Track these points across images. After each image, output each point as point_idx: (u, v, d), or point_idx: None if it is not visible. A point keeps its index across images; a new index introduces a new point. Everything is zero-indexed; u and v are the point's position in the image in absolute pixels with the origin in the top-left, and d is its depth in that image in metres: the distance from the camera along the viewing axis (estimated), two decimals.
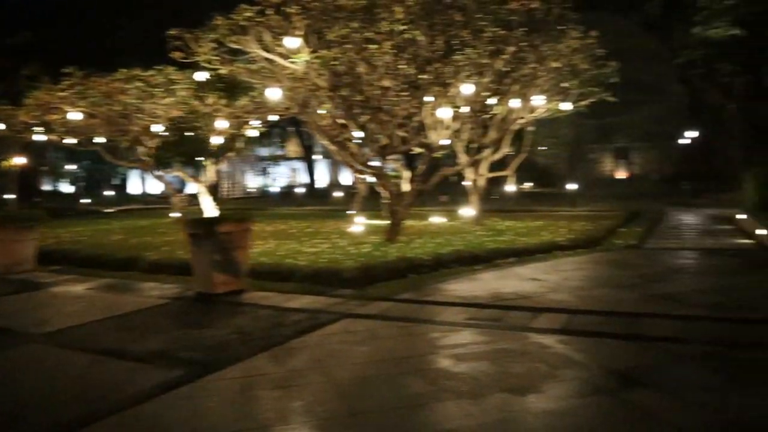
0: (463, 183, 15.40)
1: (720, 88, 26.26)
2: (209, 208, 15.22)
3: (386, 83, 11.10)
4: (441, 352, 4.79)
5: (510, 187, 30.09)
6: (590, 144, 38.47)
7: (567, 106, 13.83)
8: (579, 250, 10.22)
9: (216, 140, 15.86)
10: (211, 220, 7.82)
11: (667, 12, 26.27)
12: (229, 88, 13.77)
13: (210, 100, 14.00)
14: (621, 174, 40.31)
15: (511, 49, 11.48)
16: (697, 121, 32.61)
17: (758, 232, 11.44)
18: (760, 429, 3.25)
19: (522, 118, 13.66)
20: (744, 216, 14.03)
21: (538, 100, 12.84)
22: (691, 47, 25.62)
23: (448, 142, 14.58)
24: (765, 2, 22.93)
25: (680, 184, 25.61)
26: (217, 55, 11.36)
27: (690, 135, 35.16)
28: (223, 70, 11.71)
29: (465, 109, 12.34)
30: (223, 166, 23.19)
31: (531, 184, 36.01)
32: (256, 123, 16.04)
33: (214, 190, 29.22)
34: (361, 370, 4.42)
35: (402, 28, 10.61)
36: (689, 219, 16.71)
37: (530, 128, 15.03)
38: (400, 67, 10.83)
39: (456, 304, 6.33)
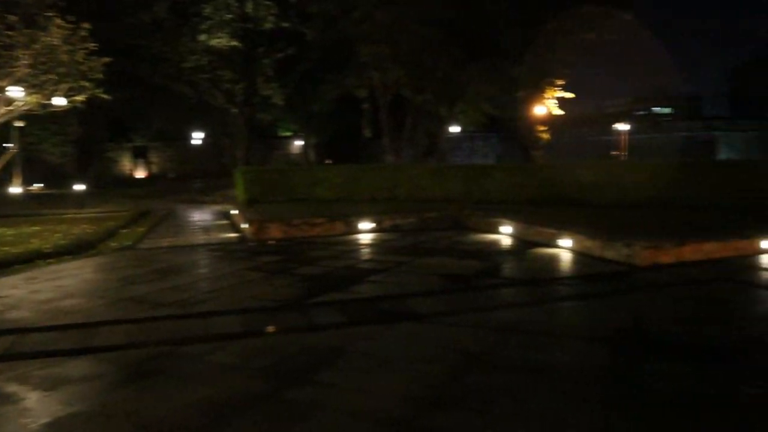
0: None
1: (224, 92, 28.48)
2: None
3: None
4: None
5: (16, 189, 26.87)
6: (106, 143, 37.21)
7: (61, 101, 12.89)
8: (66, 257, 9.60)
9: None
10: None
11: (175, 16, 27.06)
12: None
13: None
14: (140, 173, 40.15)
15: None
16: (207, 123, 34.84)
17: (243, 225, 12.71)
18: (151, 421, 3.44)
19: None
20: (236, 211, 15.44)
21: (15, 92, 11.58)
22: (198, 53, 27.14)
23: None
24: (251, 21, 26.19)
25: (193, 182, 26.91)
26: None
27: (199, 135, 37.43)
28: None
29: None
30: None
31: (41, 184, 32.70)
32: None
33: None
34: None
35: None
36: (194, 216, 17.55)
37: (19, 123, 13.54)
38: None
39: None
